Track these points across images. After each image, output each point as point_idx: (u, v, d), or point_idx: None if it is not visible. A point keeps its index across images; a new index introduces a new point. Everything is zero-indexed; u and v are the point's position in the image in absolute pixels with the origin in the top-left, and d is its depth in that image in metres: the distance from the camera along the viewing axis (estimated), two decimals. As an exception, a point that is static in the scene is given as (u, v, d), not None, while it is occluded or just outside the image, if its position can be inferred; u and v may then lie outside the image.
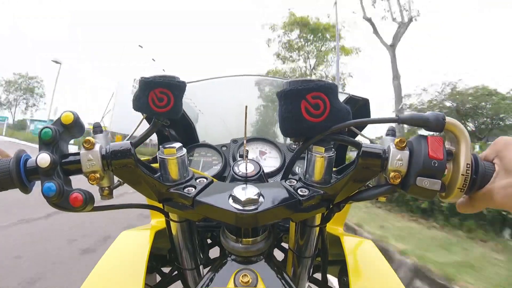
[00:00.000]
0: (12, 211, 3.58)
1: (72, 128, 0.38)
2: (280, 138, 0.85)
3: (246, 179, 0.49)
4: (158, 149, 0.41)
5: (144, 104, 0.44)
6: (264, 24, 14.99)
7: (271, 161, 0.72)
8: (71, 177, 0.39)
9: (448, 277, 2.15)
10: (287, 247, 0.62)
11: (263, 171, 0.52)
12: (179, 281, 0.59)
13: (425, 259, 2.45)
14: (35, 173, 0.36)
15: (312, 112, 0.36)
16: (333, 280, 0.68)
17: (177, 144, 0.41)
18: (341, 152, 0.81)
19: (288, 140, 0.74)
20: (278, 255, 0.59)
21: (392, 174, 0.36)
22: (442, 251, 2.79)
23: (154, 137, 0.67)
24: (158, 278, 0.68)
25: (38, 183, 0.37)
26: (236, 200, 0.36)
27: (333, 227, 0.70)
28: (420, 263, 2.39)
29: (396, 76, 9.91)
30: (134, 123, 0.51)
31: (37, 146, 0.37)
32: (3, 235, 2.90)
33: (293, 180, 0.41)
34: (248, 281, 0.38)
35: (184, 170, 0.41)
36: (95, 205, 0.38)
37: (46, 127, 0.36)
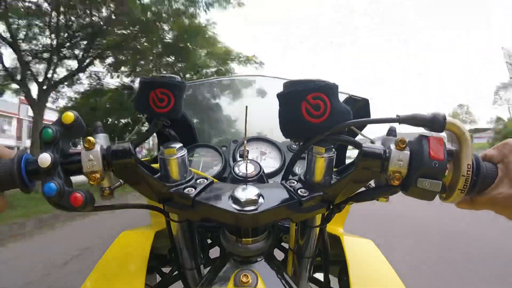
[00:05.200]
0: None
1: (72, 128, 0.38)
2: (280, 138, 0.85)
3: (246, 180, 0.49)
4: (159, 150, 0.41)
5: (144, 105, 0.44)
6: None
7: (271, 162, 0.72)
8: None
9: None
10: (287, 247, 0.62)
11: (263, 171, 0.52)
12: (179, 281, 0.59)
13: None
14: (36, 173, 0.37)
15: (312, 113, 0.36)
16: (333, 280, 0.68)
17: (178, 144, 0.41)
18: (341, 153, 0.81)
19: (288, 140, 0.74)
20: (279, 255, 0.59)
21: (392, 175, 0.36)
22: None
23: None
24: (158, 278, 0.68)
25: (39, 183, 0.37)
26: (236, 200, 0.36)
27: (333, 227, 0.70)
28: None
29: None
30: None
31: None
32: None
33: (293, 181, 0.41)
34: (248, 281, 0.38)
35: (185, 170, 0.41)
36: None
37: (47, 127, 0.36)
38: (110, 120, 10.86)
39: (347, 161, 0.74)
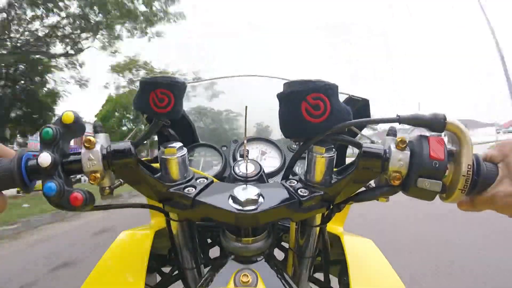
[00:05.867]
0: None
1: (72, 127, 0.38)
2: (280, 138, 0.85)
3: (246, 180, 0.49)
4: (159, 149, 0.41)
5: (145, 105, 0.44)
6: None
7: (271, 161, 0.72)
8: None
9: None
10: (287, 247, 0.62)
11: (263, 171, 0.52)
12: (180, 281, 0.59)
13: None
14: (36, 173, 0.36)
15: (312, 113, 0.36)
16: (333, 279, 0.68)
17: (178, 144, 0.41)
18: (341, 153, 0.81)
19: (288, 140, 0.74)
20: (279, 255, 0.59)
21: (392, 174, 0.36)
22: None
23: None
24: (158, 278, 0.68)
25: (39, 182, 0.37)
26: (236, 200, 0.36)
27: (333, 226, 0.70)
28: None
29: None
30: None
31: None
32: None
33: (294, 181, 0.41)
34: (248, 281, 0.38)
35: (185, 170, 0.41)
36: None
37: (47, 127, 0.36)
38: None
39: (347, 161, 0.74)
